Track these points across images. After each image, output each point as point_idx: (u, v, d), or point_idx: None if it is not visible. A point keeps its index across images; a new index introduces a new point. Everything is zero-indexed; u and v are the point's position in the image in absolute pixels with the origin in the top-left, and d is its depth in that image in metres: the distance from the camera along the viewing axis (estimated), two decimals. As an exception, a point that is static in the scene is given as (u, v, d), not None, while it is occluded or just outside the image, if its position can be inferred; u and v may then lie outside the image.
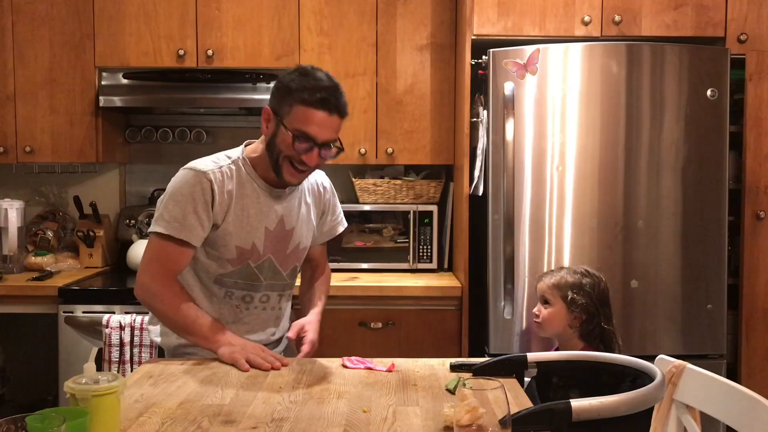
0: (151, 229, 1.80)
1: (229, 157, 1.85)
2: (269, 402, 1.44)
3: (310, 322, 1.90)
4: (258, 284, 1.88)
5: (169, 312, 1.77)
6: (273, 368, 1.67)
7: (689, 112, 2.64)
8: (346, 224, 2.12)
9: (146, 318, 2.65)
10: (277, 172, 1.79)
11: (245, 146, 1.90)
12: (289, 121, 1.73)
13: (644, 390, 1.36)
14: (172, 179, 1.83)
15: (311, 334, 1.86)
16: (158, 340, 1.94)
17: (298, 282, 2.07)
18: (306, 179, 1.93)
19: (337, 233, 2.10)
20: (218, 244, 1.80)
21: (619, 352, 1.99)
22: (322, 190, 2.02)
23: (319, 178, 2.03)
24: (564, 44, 2.64)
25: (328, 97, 1.73)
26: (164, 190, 3.26)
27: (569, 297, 2.11)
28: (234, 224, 1.80)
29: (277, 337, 1.98)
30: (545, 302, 2.18)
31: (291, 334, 1.85)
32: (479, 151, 2.71)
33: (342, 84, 3.07)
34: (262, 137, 1.84)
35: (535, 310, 2.21)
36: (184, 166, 1.84)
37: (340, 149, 1.81)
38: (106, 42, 3.05)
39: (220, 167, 1.80)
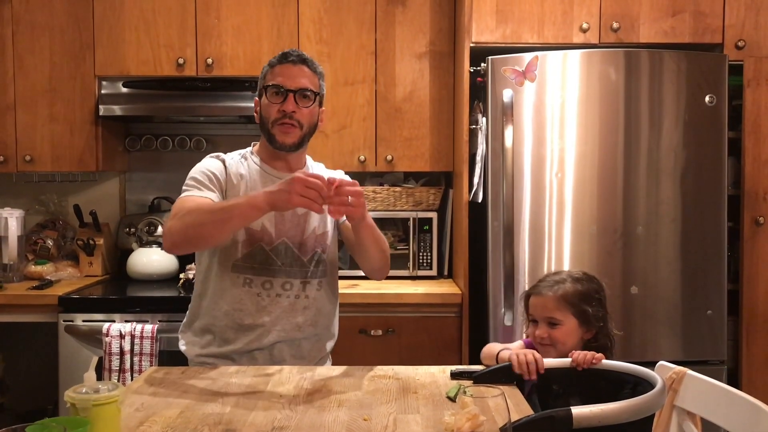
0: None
1: (239, 153, 2.00)
2: (270, 410, 1.44)
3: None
4: (275, 268, 1.88)
5: (199, 216, 1.70)
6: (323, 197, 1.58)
7: (688, 119, 2.65)
8: None
9: (145, 327, 2.65)
10: (272, 140, 1.90)
11: (252, 145, 2.04)
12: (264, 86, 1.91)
13: (645, 397, 1.36)
14: None
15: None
16: (183, 348, 1.96)
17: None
18: (322, 173, 1.98)
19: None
20: None
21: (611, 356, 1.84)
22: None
23: (337, 175, 2.05)
24: (562, 51, 2.65)
25: (289, 52, 1.91)
26: (164, 198, 3.33)
27: (585, 311, 1.80)
28: None
29: (305, 334, 1.91)
30: (551, 323, 1.81)
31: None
32: (478, 158, 2.72)
33: (341, 92, 3.14)
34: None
35: (538, 332, 1.82)
36: None
37: (317, 93, 1.90)
38: (105, 51, 3.06)
39: (232, 156, 1.97)
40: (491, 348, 1.83)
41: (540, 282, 1.89)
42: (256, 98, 1.96)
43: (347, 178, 2.08)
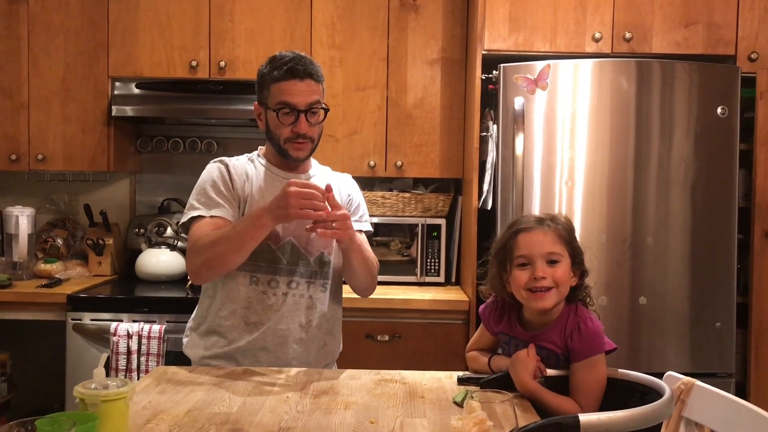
0: (183, 220, 1.90)
1: (246, 156, 2.02)
2: (276, 411, 1.44)
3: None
4: (281, 267, 1.89)
5: (216, 248, 1.77)
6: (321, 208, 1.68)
7: (699, 130, 2.64)
8: (370, 228, 2.10)
9: (153, 327, 2.66)
10: (284, 155, 1.92)
11: (258, 149, 2.06)
12: (270, 102, 1.88)
13: (653, 406, 1.36)
14: None
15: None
16: (187, 351, 1.96)
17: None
18: (338, 187, 1.99)
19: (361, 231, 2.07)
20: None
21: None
22: (347, 197, 2.06)
23: (347, 185, 2.08)
24: (574, 60, 2.65)
25: (294, 66, 1.85)
26: (174, 200, 3.35)
27: (577, 248, 1.66)
28: (251, 204, 1.90)
29: (310, 336, 1.92)
30: (552, 260, 1.62)
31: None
32: (488, 165, 2.72)
33: (353, 97, 3.15)
34: None
35: (539, 272, 1.60)
36: None
37: (326, 110, 1.92)
38: (119, 52, 3.08)
39: (237, 158, 1.99)
40: (477, 356, 1.81)
41: (522, 220, 1.70)
42: (257, 104, 1.95)
43: (353, 182, 2.10)
